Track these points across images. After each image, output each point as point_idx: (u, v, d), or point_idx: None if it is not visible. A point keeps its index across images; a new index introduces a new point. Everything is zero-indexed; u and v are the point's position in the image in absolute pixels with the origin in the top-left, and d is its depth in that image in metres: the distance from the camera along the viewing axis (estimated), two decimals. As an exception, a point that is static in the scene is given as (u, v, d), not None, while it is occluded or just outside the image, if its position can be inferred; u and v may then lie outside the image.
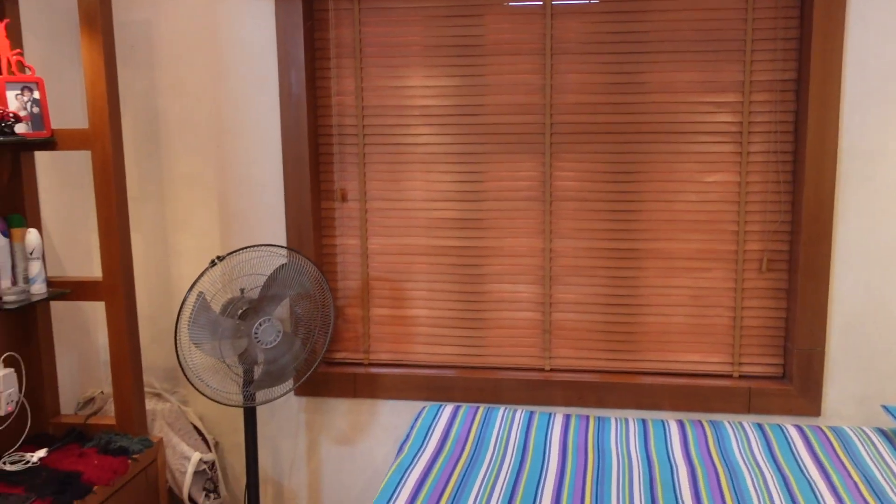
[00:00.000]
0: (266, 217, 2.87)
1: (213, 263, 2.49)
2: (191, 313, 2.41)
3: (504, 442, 2.45)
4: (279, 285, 2.55)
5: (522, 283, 2.85)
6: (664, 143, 2.70)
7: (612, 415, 2.80)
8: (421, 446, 2.43)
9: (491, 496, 2.09)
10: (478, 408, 2.69)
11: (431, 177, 2.84)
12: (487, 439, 2.47)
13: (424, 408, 2.72)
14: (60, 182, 2.81)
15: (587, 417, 2.63)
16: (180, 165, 2.90)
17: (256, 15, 2.77)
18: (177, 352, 2.43)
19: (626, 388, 2.77)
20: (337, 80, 2.85)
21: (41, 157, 2.70)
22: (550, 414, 2.64)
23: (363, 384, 2.91)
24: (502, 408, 2.68)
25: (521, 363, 2.91)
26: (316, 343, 2.73)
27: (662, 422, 2.57)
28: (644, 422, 2.58)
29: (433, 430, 2.54)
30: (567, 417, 2.62)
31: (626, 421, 2.59)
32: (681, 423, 2.55)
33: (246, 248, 2.58)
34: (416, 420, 2.64)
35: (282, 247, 2.60)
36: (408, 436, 2.53)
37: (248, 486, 2.71)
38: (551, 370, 2.88)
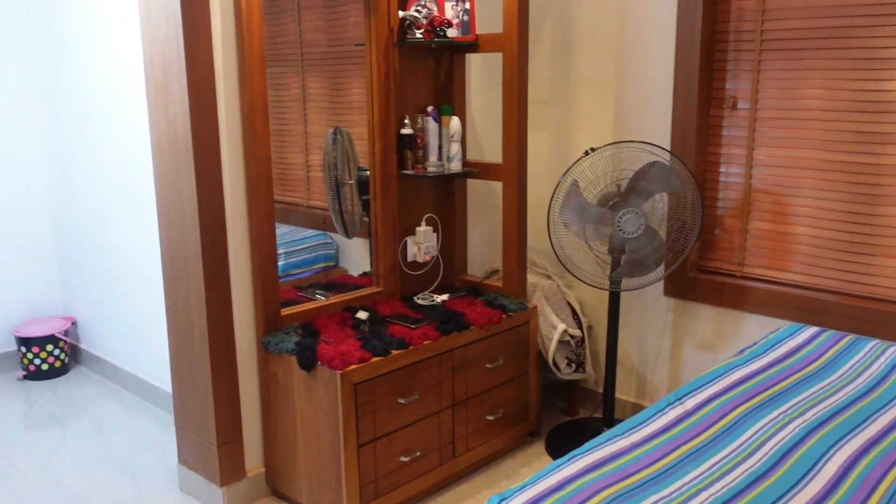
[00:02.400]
0: (654, 120, 3.01)
1: (586, 153, 2.76)
2: (563, 196, 2.73)
3: (857, 372, 2.27)
4: (647, 181, 2.70)
5: (927, 208, 2.50)
6: None
7: None
8: (760, 354, 2.39)
9: (800, 416, 2.01)
10: (844, 335, 2.50)
11: (832, 84, 2.64)
12: (838, 366, 2.31)
13: (786, 325, 2.63)
14: (485, 83, 3.34)
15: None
16: (584, 70, 3.20)
17: (665, -78, 2.86)
18: (548, 229, 2.79)
19: None
20: (739, -16, 2.80)
21: (475, 58, 3.26)
22: (929, 355, 2.33)
23: (732, 295, 2.91)
24: (874, 341, 2.45)
25: (914, 299, 2.58)
26: (682, 244, 2.82)
27: None
28: None
29: (783, 344, 2.47)
30: (950, 362, 2.28)
31: None
32: None
33: (618, 142, 2.78)
34: (771, 333, 2.58)
35: (652, 144, 2.74)
36: (756, 343, 2.50)
37: (606, 363, 2.98)
38: (952, 313, 2.50)
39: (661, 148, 2.75)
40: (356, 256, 3.02)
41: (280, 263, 2.72)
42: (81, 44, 3.47)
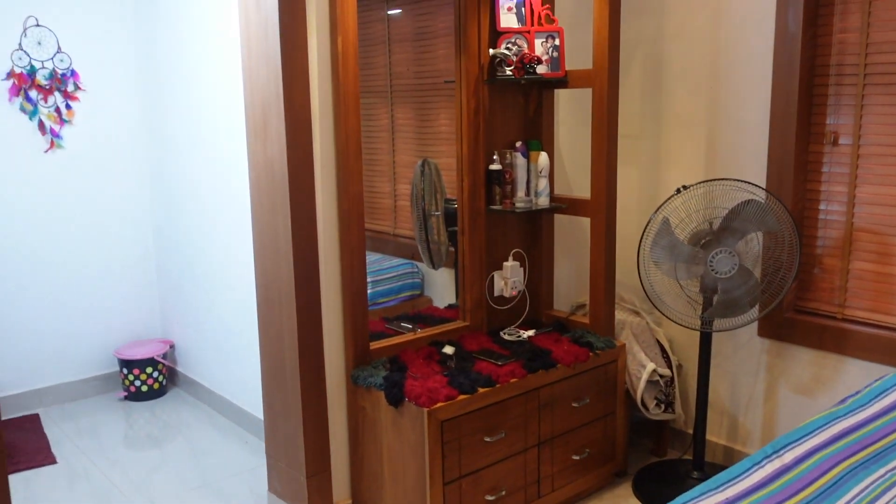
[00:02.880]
0: (749, 156, 2.94)
1: (677, 191, 2.71)
2: (654, 234, 2.69)
3: (973, 425, 2.13)
4: (741, 220, 2.63)
5: None
6: None
7: None
8: (865, 404, 2.28)
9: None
10: (957, 385, 2.36)
11: (942, 120, 2.51)
12: (952, 417, 2.18)
13: (892, 372, 2.50)
14: (575, 115, 3.34)
15: None
16: (675, 105, 3.15)
17: (762, -45, 2.81)
18: (638, 267, 2.75)
19: None
20: (841, 17, 2.71)
21: (563, 93, 3.26)
22: None
23: (832, 338, 2.79)
24: None
25: None
26: (779, 285, 2.73)
27: None
28: None
29: (889, 394, 2.35)
30: None
31: None
32: None
33: (711, 180, 2.72)
34: (876, 381, 2.46)
35: (746, 182, 2.67)
36: (858, 392, 2.39)
37: (697, 404, 2.90)
38: None
39: (756, 186, 2.68)
40: (441, 287, 3.05)
41: (368, 292, 2.78)
42: (185, 81, 3.65)
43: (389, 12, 2.83)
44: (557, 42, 2.91)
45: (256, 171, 2.59)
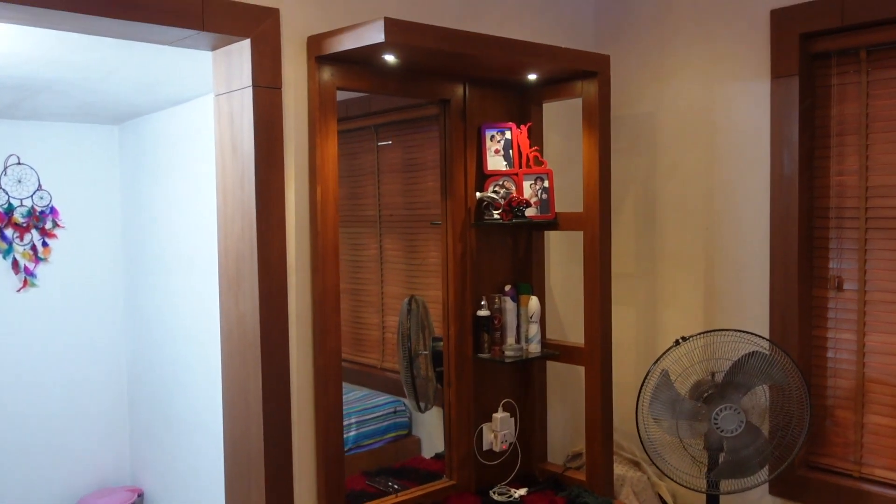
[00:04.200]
0: (750, 300, 2.80)
1: (676, 343, 2.55)
2: (653, 388, 2.51)
3: None
4: (745, 374, 2.46)
5: None
6: None
7: None
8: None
9: None
10: None
11: (951, 269, 2.39)
12: None
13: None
14: (565, 257, 3.22)
15: None
16: (671, 244, 3.04)
17: (752, 97, 2.76)
18: (637, 423, 2.55)
19: None
20: (837, 160, 2.63)
21: (553, 235, 3.15)
22: None
23: (850, 499, 2.57)
24: None
25: None
26: (790, 441, 2.53)
27: None
28: None
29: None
30: None
31: None
32: None
33: (712, 331, 2.57)
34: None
35: (749, 333, 2.52)
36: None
37: (706, 575, 2.64)
38: None
39: (758, 336, 2.52)
40: (430, 426, 2.85)
41: (351, 434, 2.59)
42: (164, 223, 3.56)
43: (380, 143, 2.79)
44: (547, 184, 2.83)
45: (229, 325, 2.43)
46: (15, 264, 3.56)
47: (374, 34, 2.09)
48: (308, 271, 2.36)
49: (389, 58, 2.31)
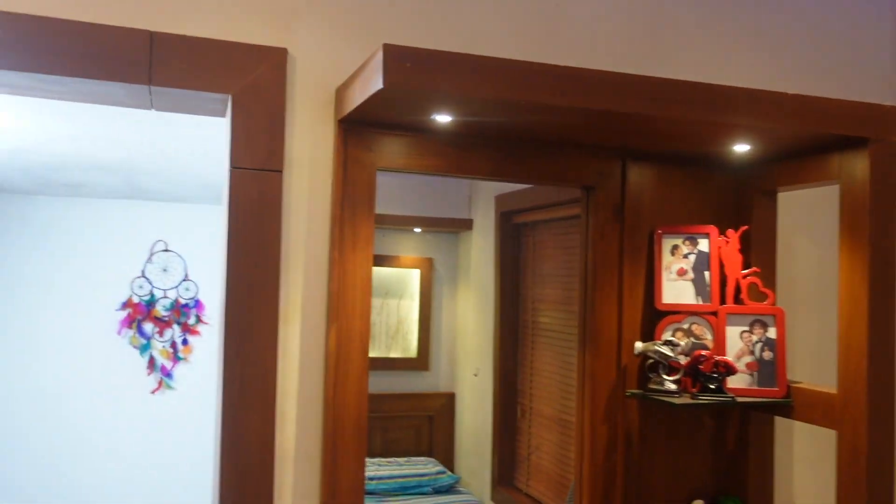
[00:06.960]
0: None
1: None
2: None
3: None
4: None
5: None
6: None
7: None
8: None
9: None
10: None
11: None
12: None
13: None
14: (816, 452, 1.86)
15: None
16: None
17: None
18: None
19: None
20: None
21: (785, 423, 1.83)
22: None
23: None
24: None
25: None
26: None
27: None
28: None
29: None
30: None
31: None
32: None
33: None
34: None
35: None
36: None
37: None
38: None
39: None
40: None
41: None
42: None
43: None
44: (773, 334, 1.60)
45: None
46: (151, 363, 3.17)
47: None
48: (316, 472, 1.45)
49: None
